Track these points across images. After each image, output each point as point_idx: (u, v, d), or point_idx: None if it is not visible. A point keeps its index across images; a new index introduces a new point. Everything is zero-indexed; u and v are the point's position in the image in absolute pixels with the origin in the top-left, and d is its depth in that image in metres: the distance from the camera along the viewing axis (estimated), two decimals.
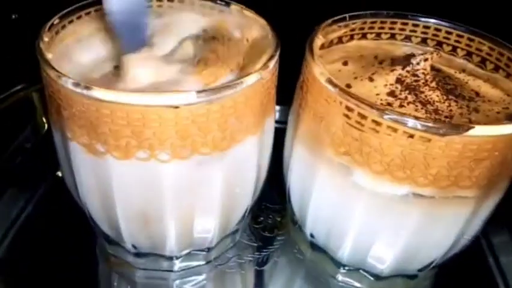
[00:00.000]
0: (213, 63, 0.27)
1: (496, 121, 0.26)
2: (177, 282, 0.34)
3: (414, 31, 0.34)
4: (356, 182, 0.26)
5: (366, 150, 0.25)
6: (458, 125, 0.23)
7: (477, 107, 0.27)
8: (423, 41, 0.34)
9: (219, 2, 0.33)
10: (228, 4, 0.32)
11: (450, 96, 0.27)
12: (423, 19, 0.34)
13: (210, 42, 0.30)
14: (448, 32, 0.34)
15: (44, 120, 0.44)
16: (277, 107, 0.32)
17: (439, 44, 0.34)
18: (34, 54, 0.25)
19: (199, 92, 0.23)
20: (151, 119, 0.23)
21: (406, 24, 0.34)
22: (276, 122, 0.32)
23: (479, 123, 0.26)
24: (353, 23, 0.33)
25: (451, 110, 0.27)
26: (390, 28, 0.35)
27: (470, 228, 0.28)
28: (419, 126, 0.23)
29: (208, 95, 0.23)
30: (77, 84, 0.23)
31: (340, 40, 0.34)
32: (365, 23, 0.34)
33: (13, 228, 0.36)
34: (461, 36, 0.33)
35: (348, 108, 0.25)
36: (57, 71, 0.24)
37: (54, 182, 0.39)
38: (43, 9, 0.30)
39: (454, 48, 0.34)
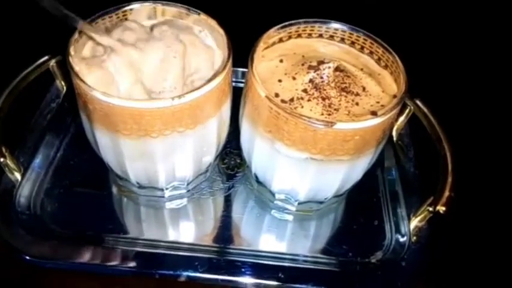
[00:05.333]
0: None
1: (364, 114, 0.40)
2: (167, 203, 0.49)
3: (336, 32, 0.47)
4: (277, 149, 0.41)
5: (281, 132, 0.39)
6: (328, 122, 0.37)
7: (359, 101, 0.41)
8: (342, 40, 0.47)
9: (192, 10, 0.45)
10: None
11: (342, 93, 0.41)
12: (340, 25, 0.46)
13: None
14: (357, 36, 0.46)
15: (63, 84, 0.57)
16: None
17: (352, 43, 0.47)
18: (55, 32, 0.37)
19: (173, 98, 0.37)
20: (145, 114, 0.37)
21: (329, 28, 0.47)
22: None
23: (355, 116, 0.40)
24: (290, 29, 0.46)
25: (340, 104, 0.41)
26: (318, 30, 0.47)
27: (349, 177, 0.43)
28: (307, 121, 0.37)
29: (180, 100, 0.37)
30: (98, 93, 0.36)
31: (280, 39, 0.46)
32: (299, 27, 0.46)
33: (52, 164, 0.51)
34: (366, 40, 0.46)
35: (270, 107, 0.39)
36: (84, 82, 0.37)
37: (78, 131, 0.50)
38: None
39: (362, 48, 0.46)
